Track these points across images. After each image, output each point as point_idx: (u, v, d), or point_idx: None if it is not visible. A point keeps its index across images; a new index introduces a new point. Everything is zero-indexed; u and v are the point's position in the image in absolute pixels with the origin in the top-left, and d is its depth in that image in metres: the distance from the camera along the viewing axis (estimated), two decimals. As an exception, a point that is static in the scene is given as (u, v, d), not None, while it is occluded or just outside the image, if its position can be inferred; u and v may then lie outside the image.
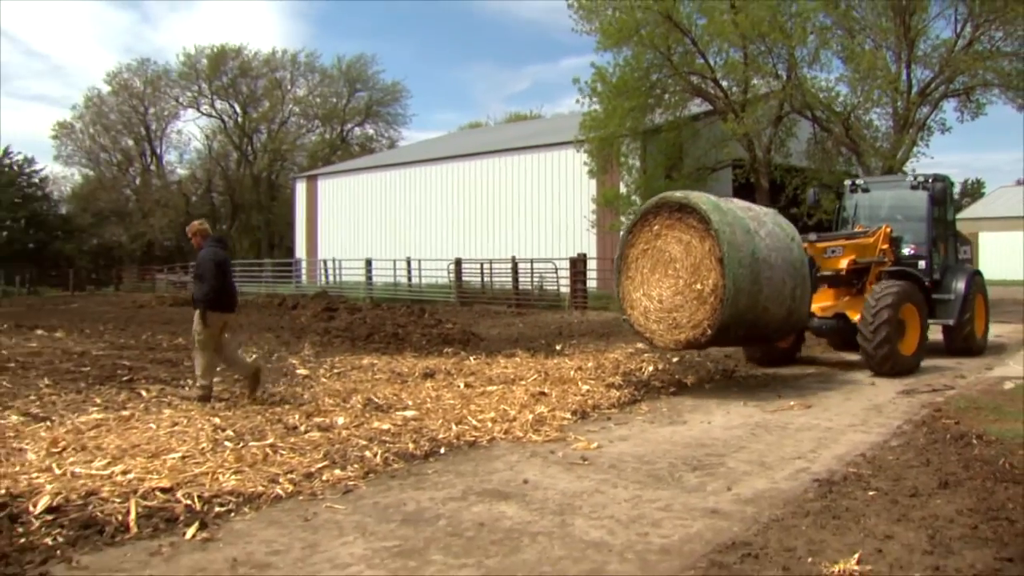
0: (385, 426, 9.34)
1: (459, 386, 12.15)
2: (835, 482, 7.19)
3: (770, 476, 7.52)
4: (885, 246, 15.20)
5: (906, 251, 15.53)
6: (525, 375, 13.06)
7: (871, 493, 6.81)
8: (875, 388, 12.38)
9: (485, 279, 34.51)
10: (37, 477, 7.09)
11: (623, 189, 31.45)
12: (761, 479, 7.41)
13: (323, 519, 6.32)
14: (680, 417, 10.43)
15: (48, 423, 9.42)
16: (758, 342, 14.01)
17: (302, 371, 13.79)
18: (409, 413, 10.11)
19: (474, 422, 9.65)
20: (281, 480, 7.17)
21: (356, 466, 7.71)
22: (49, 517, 6.12)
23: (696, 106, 31.91)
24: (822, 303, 14.97)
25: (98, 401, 10.91)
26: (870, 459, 8.03)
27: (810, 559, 5.36)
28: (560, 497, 6.86)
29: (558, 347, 16.95)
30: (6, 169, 66.66)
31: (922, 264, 15.55)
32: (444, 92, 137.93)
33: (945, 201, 16.39)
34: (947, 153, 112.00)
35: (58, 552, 5.54)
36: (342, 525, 6.18)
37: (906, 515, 6.23)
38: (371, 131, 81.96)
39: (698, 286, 11.61)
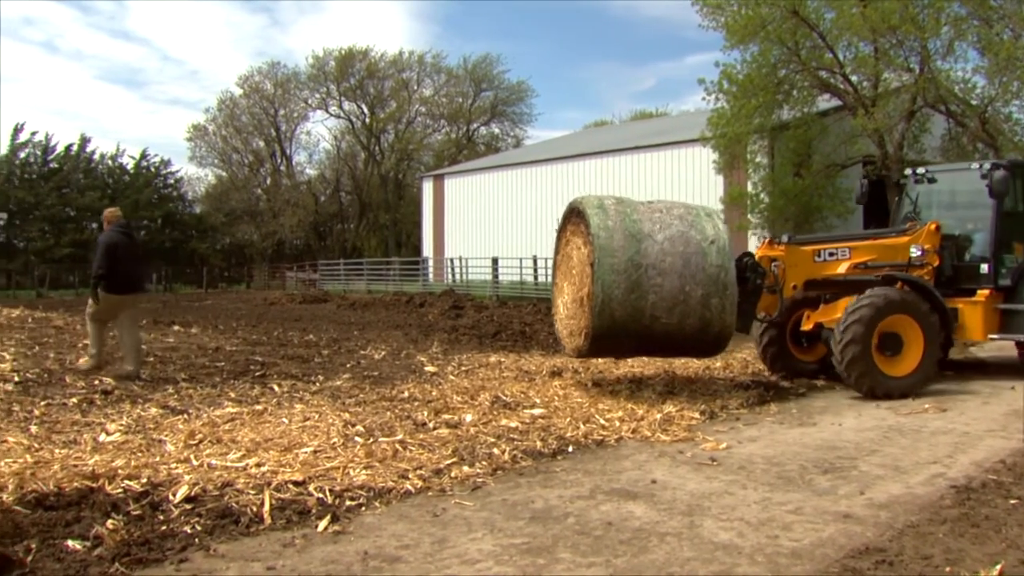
0: (513, 424, 9.38)
1: (587, 384, 12.16)
2: (973, 489, 6.95)
3: (904, 481, 7.31)
4: (928, 246, 13.18)
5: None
6: (652, 374, 13.01)
7: (1012, 501, 6.56)
8: (1015, 392, 11.90)
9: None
10: (176, 467, 7.31)
11: (750, 187, 31.06)
12: (895, 484, 7.22)
13: (452, 515, 6.36)
14: (810, 418, 10.26)
15: (185, 416, 9.70)
16: (669, 354, 12.49)
17: (430, 368, 13.94)
18: (537, 411, 10.13)
19: (602, 421, 9.62)
20: (410, 476, 7.24)
21: (484, 463, 7.75)
22: (188, 506, 6.29)
23: (824, 102, 31.30)
24: (839, 314, 12.54)
25: (232, 395, 11.20)
26: (1011, 466, 7.73)
27: (948, 568, 5.18)
28: (689, 498, 6.80)
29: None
30: (143, 171, 69.11)
31: (984, 268, 13.31)
32: (569, 91, 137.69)
33: (1009, 192, 13.24)
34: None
35: (196, 540, 5.69)
36: (471, 521, 6.22)
37: (1053, 525, 5.96)
38: (497, 130, 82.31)
39: (581, 293, 11.25)
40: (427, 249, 52.28)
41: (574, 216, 11.75)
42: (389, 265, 51.40)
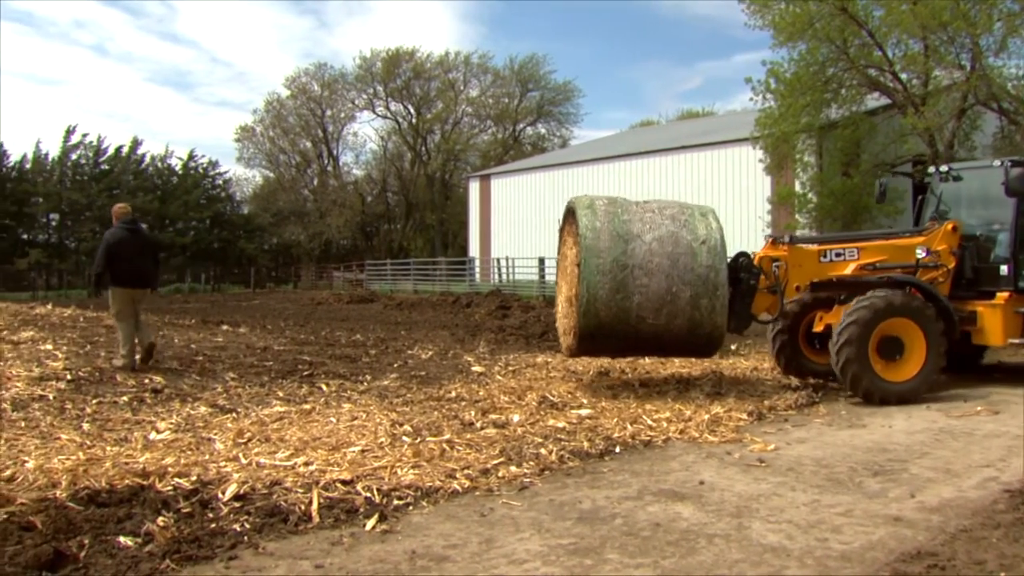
0: (560, 424, 9.37)
1: (634, 385, 12.12)
2: (1028, 493, 6.83)
3: (956, 484, 7.21)
4: (943, 247, 12.55)
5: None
6: (700, 375, 12.94)
7: (1068, 506, 6.44)
8: (1071, 394, 11.74)
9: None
10: (225, 466, 7.37)
11: (798, 187, 30.83)
12: (947, 487, 7.12)
13: (499, 515, 6.36)
14: (859, 420, 10.14)
15: (234, 415, 9.78)
16: (662, 354, 12.60)
17: (477, 368, 13.96)
18: (584, 411, 10.10)
19: (649, 421, 9.59)
20: (458, 475, 7.26)
21: (531, 463, 7.74)
22: (237, 504, 6.34)
23: (873, 100, 31.02)
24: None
25: (280, 395, 11.26)
26: (1066, 470, 7.59)
27: (1002, 574, 5.11)
28: (737, 499, 6.75)
29: (733, 347, 16.72)
30: (192, 172, 69.82)
31: (1004, 269, 12.54)
32: (615, 90, 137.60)
33: None
34: None
35: (245, 538, 5.73)
36: (518, 521, 6.21)
37: (1110, 530, 5.84)
38: (543, 130, 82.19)
39: (571, 293, 11.39)
40: (474, 249, 52.41)
41: (569, 216, 11.84)
42: (436, 265, 51.60)
